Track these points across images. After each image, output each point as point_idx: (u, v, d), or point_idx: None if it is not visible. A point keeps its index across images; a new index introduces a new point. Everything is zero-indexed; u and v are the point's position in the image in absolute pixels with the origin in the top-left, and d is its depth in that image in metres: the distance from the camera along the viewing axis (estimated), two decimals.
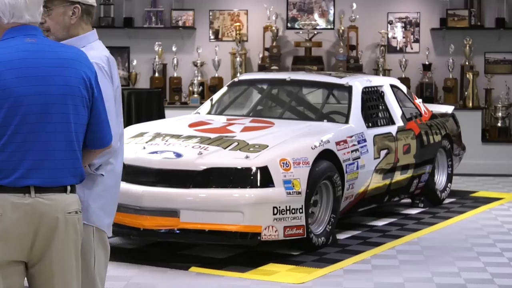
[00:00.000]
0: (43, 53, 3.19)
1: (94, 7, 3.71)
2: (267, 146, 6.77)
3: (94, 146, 3.33)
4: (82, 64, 3.26)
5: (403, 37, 12.60)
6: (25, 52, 3.16)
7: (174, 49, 12.40)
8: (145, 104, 10.43)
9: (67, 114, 3.18)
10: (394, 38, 12.60)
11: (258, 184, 6.47)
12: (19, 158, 3.12)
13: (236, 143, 6.87)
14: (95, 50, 3.57)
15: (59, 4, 3.57)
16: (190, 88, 12.36)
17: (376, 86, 8.52)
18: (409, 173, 8.47)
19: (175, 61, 12.44)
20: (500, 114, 12.11)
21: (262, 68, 12.23)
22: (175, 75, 12.51)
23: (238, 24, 12.52)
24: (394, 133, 8.20)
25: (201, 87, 12.32)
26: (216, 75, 12.42)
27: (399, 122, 8.41)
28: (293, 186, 6.55)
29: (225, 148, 6.78)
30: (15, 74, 3.11)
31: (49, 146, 3.16)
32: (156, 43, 12.38)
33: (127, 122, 8.60)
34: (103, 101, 3.33)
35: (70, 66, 3.21)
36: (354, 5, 12.24)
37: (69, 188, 3.22)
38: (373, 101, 8.27)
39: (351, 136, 7.49)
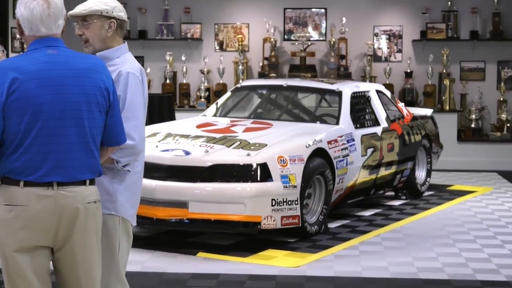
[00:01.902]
0: (63, 64, 3.18)
1: (126, 22, 3.73)
2: (266, 145, 6.76)
3: (109, 144, 3.33)
4: (99, 73, 3.25)
5: (388, 48, 12.60)
6: (46, 64, 3.14)
7: (183, 58, 12.41)
8: (157, 108, 10.43)
9: (83, 119, 3.17)
10: (379, 48, 12.60)
11: (258, 179, 6.46)
12: (41, 158, 3.12)
13: (238, 142, 6.87)
14: (129, 61, 3.59)
15: (97, 19, 3.58)
16: (198, 93, 12.37)
17: (363, 92, 8.51)
18: (393, 169, 8.47)
19: (184, 69, 12.44)
20: (473, 116, 12.13)
21: (261, 75, 12.24)
22: (184, 81, 12.51)
23: (240, 36, 12.52)
24: (379, 133, 8.19)
25: (207, 92, 12.33)
26: (221, 81, 12.42)
27: (384, 124, 8.40)
28: (289, 180, 6.55)
29: (228, 147, 6.78)
30: (37, 83, 3.10)
31: (68, 148, 3.16)
32: (167, 53, 12.37)
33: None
34: (118, 105, 3.33)
35: (87, 76, 3.20)
36: (344, 19, 12.25)
37: (88, 181, 3.22)
38: (360, 105, 8.26)
39: (341, 136, 7.49)
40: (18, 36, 10.59)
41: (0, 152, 3.14)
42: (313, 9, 12.66)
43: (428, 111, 10.03)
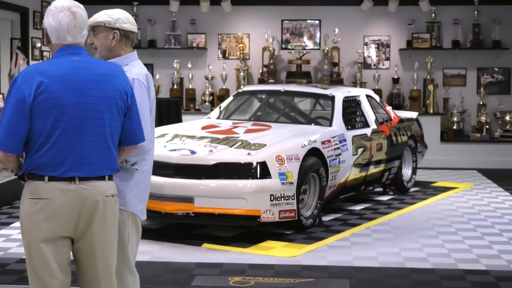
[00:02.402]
0: (85, 70, 3.19)
1: (134, 33, 3.71)
2: (265, 145, 6.76)
3: (126, 144, 3.34)
4: (118, 78, 3.27)
5: (376, 56, 12.61)
6: (70, 69, 3.16)
7: (189, 65, 12.41)
8: (165, 111, 10.42)
9: (103, 120, 3.18)
10: (369, 56, 12.60)
11: (258, 176, 6.46)
12: (65, 155, 3.13)
13: (240, 143, 6.86)
14: (136, 68, 3.59)
15: (103, 30, 3.61)
16: (202, 98, 12.37)
17: (354, 96, 8.51)
18: (381, 167, 8.47)
19: (190, 76, 12.45)
20: (455, 118, 12.14)
21: (261, 81, 12.23)
22: (190, 87, 12.51)
23: (241, 45, 12.52)
24: (369, 134, 8.19)
25: (211, 97, 12.32)
26: (224, 87, 12.40)
27: (373, 125, 8.40)
28: (287, 177, 6.55)
29: (231, 147, 6.78)
30: (62, 86, 3.11)
31: (89, 146, 3.17)
32: (175, 61, 12.37)
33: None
34: (136, 108, 3.34)
35: (107, 81, 3.21)
36: (336, 30, 12.26)
37: (106, 177, 3.24)
38: (351, 108, 8.26)
39: (334, 137, 7.49)
40: (39, 44, 10.72)
41: (26, 150, 3.15)
42: (308, 21, 12.66)
43: (413, 114, 10.03)
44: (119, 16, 3.64)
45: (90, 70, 3.21)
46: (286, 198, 6.53)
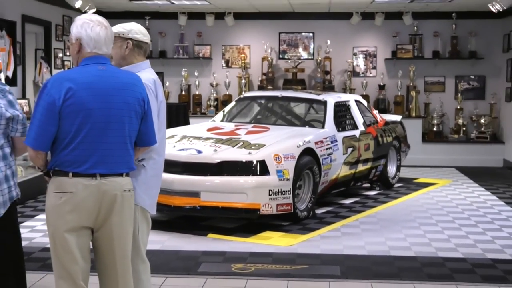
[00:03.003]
0: (109, 78, 3.21)
1: (146, 43, 3.71)
2: (264, 145, 6.76)
3: (141, 145, 3.36)
4: (138, 87, 3.29)
5: (364, 65, 12.61)
6: (96, 77, 3.17)
7: (196, 74, 12.41)
8: (174, 114, 10.41)
9: (123, 123, 3.20)
10: (357, 65, 12.60)
11: (258, 173, 6.46)
12: (88, 154, 3.14)
13: (241, 143, 6.87)
14: (144, 74, 3.57)
15: (117, 40, 3.59)
16: (208, 102, 12.37)
17: (344, 101, 8.52)
18: (369, 165, 8.48)
19: (196, 83, 12.45)
20: (435, 121, 12.15)
21: (260, 87, 12.23)
22: (196, 92, 12.51)
23: (243, 55, 12.53)
24: (357, 135, 8.20)
25: (215, 102, 12.32)
26: (227, 93, 12.40)
27: (361, 127, 8.40)
28: (283, 174, 6.56)
29: (233, 147, 6.78)
30: (88, 92, 3.13)
31: (110, 146, 3.19)
32: (183, 69, 12.38)
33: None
34: (151, 113, 3.36)
35: (128, 89, 3.23)
36: (328, 42, 12.27)
37: (124, 174, 3.25)
38: (342, 112, 8.27)
39: (326, 138, 7.50)
40: (60, 55, 10.72)
41: (52, 148, 3.17)
42: (303, 33, 12.66)
43: (397, 117, 10.03)
44: (131, 28, 3.66)
45: (113, 79, 3.22)
46: (283, 193, 6.54)
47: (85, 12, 9.47)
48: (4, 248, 3.51)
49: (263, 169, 6.48)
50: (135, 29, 3.66)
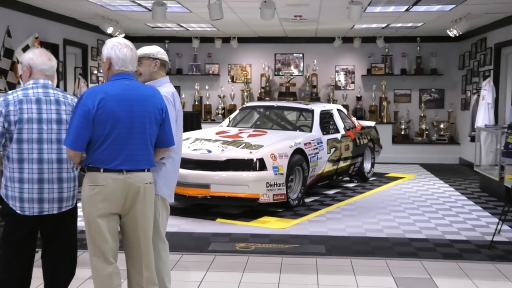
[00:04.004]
0: (133, 91, 3.21)
1: (167, 63, 3.74)
2: (263, 146, 6.76)
3: (160, 146, 3.35)
4: (157, 99, 3.29)
5: (344, 80, 12.60)
6: (123, 90, 3.17)
7: (206, 87, 12.42)
8: (189, 121, 10.41)
9: (145, 128, 3.20)
10: (339, 81, 12.59)
11: (257, 169, 6.46)
12: (116, 153, 3.14)
13: (244, 144, 6.87)
14: (165, 88, 3.59)
15: (147, 59, 3.61)
16: (216, 111, 12.37)
17: (328, 110, 8.52)
18: (348, 162, 8.48)
19: (207, 95, 12.44)
20: (403, 126, 12.16)
21: (260, 99, 12.23)
22: (207, 103, 12.49)
23: (245, 72, 12.52)
24: (339, 138, 8.20)
25: (223, 110, 12.32)
26: (232, 103, 12.40)
27: (342, 131, 8.40)
28: (278, 170, 6.56)
29: (237, 147, 6.78)
30: (116, 103, 3.13)
31: (134, 147, 3.19)
32: (196, 84, 12.39)
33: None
34: (169, 120, 3.35)
35: (149, 100, 3.23)
36: (315, 61, 12.28)
37: (146, 169, 3.24)
38: (326, 119, 8.27)
39: (313, 140, 7.50)
40: (95, 72, 10.71)
41: (87, 149, 3.16)
42: (294, 54, 12.66)
43: (372, 123, 10.03)
44: (158, 50, 3.68)
45: (137, 92, 3.22)
46: (278, 185, 6.53)
47: (115, 36, 9.46)
48: (71, 232, 3.52)
49: (262, 166, 6.48)
50: (161, 51, 3.69)
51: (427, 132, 12.09)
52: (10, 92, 3.33)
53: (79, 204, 3.41)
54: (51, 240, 3.41)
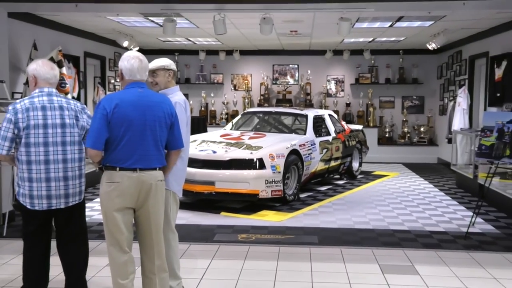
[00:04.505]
0: (145, 98, 3.21)
1: (177, 72, 3.77)
2: (262, 147, 6.76)
3: (171, 148, 3.34)
4: (166, 105, 3.28)
5: (335, 89, 12.58)
6: (136, 97, 3.18)
7: (212, 95, 12.39)
8: (196, 124, 10.40)
9: (155, 131, 3.20)
10: (330, 89, 12.57)
11: (257, 168, 6.46)
12: (131, 153, 3.14)
13: (245, 145, 6.86)
14: (178, 96, 3.61)
15: (162, 71, 3.64)
16: (220, 116, 12.34)
17: (321, 115, 8.50)
18: (339, 162, 8.47)
19: (212, 101, 12.41)
20: (387, 130, 12.12)
21: (259, 105, 12.21)
22: (212, 109, 12.46)
23: (246, 81, 12.51)
24: (330, 140, 8.19)
25: (226, 115, 12.29)
26: (234, 108, 12.38)
27: (333, 134, 8.39)
28: (276, 168, 6.55)
29: (239, 148, 6.77)
30: (130, 108, 3.13)
31: (146, 148, 3.18)
32: (202, 91, 12.36)
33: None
34: (178, 125, 3.35)
35: (159, 106, 3.23)
36: (309, 71, 12.27)
37: (157, 168, 3.24)
38: (319, 123, 8.25)
39: (307, 142, 7.49)
40: (112, 81, 10.71)
41: (105, 150, 3.16)
42: (290, 65, 12.64)
43: (359, 127, 10.01)
44: (171, 62, 3.71)
45: (149, 99, 3.22)
46: (276, 182, 6.52)
47: (130, 49, 9.48)
48: (80, 223, 3.54)
49: (261, 165, 6.48)
50: (173, 63, 3.72)
51: (409, 135, 12.08)
52: (18, 101, 3.37)
53: (97, 199, 3.42)
54: (63, 230, 3.47)
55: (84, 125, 3.42)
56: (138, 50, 3.40)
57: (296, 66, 12.63)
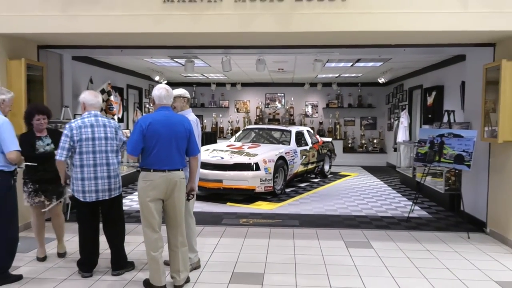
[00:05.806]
0: (170, 118, 3.21)
1: (190, 99, 3.78)
2: (258, 154, 6.75)
3: (190, 154, 3.34)
4: (185, 123, 3.29)
5: (311, 111, 12.60)
6: (164, 117, 3.19)
7: (220, 116, 12.37)
8: (209, 137, 10.39)
9: (178, 143, 3.20)
10: (307, 111, 12.57)
11: (254, 169, 6.44)
12: (159, 159, 3.15)
13: (245, 153, 6.84)
14: (191, 116, 3.61)
15: (179, 98, 3.65)
16: (227, 131, 12.29)
17: (301, 130, 8.49)
18: (314, 165, 8.45)
19: (221, 121, 12.39)
20: (350, 141, 12.12)
21: (255, 123, 12.18)
22: (221, 126, 12.43)
23: (246, 105, 12.50)
24: (308, 149, 8.18)
25: (231, 131, 12.27)
26: (237, 126, 12.36)
27: (310, 145, 8.37)
28: (268, 170, 6.54)
29: (241, 155, 6.75)
30: (160, 125, 3.14)
31: (171, 154, 3.18)
32: (213, 113, 12.34)
33: (201, 145, 8.56)
34: (194, 137, 3.34)
35: (180, 124, 3.23)
36: (292, 98, 12.28)
37: (180, 169, 3.24)
38: (300, 136, 8.25)
39: (291, 150, 7.48)
40: (148, 106, 10.72)
41: (142, 156, 3.18)
42: (278, 94, 12.63)
43: (329, 139, 9.99)
44: (185, 92, 3.72)
45: (172, 119, 3.23)
46: (268, 180, 6.51)
47: (160, 82, 9.51)
48: (119, 211, 3.58)
49: (257, 167, 6.47)
50: (187, 92, 3.73)
51: (365, 145, 12.08)
52: (73, 120, 3.48)
53: (136, 193, 3.43)
54: (106, 215, 3.53)
55: (123, 138, 3.52)
56: (166, 83, 3.42)
57: (282, 94, 12.66)
